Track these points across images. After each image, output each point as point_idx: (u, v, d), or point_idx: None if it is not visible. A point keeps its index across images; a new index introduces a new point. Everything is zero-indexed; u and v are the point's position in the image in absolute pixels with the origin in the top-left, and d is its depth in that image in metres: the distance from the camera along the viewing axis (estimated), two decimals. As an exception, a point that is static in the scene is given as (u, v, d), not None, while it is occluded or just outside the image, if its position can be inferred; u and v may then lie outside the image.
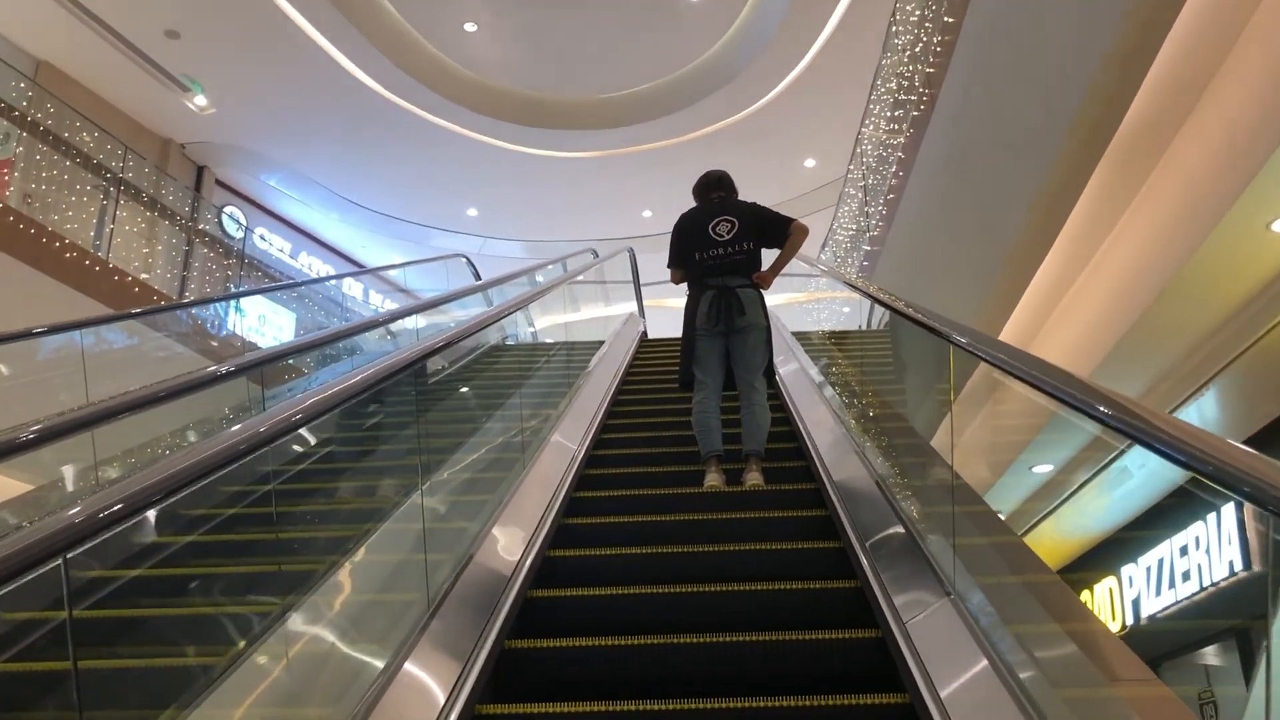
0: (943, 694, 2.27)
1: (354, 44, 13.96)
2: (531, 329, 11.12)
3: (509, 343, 9.41)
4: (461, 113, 15.59)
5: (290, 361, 7.28)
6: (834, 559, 3.41)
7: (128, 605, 2.67)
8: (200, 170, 16.12)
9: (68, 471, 4.88)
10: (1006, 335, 9.04)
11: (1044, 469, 6.77)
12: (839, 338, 6.90)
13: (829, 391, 5.63)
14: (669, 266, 4.98)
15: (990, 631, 2.39)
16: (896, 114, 8.43)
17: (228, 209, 16.74)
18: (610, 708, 2.49)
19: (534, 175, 17.25)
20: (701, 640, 2.80)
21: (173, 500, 1.61)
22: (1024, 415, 3.50)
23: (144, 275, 11.53)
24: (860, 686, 2.51)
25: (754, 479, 4.33)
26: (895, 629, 2.65)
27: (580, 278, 10.28)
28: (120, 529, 1.47)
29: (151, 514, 1.86)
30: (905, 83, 8.01)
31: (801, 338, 7.68)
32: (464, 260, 11.97)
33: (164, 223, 12.48)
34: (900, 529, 3.25)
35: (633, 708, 2.49)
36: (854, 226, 10.42)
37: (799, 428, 5.17)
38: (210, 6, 12.80)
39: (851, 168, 10.78)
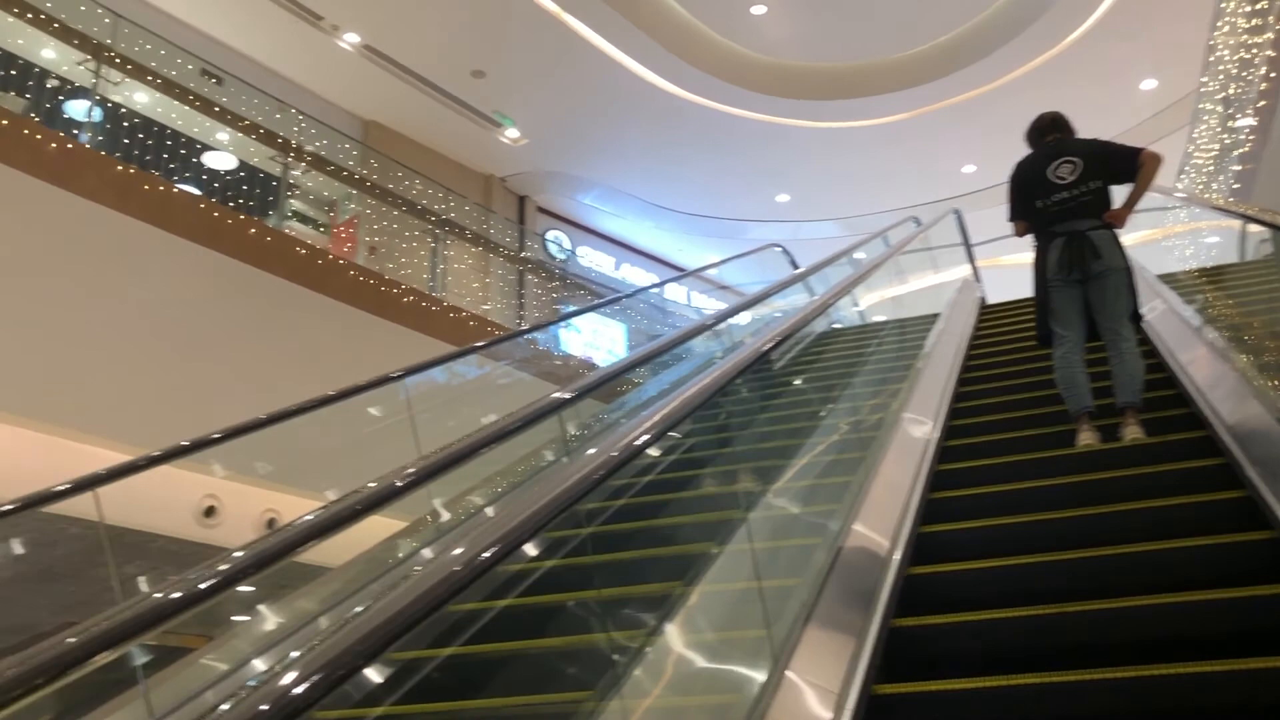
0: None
1: (645, 49, 14.02)
2: (857, 308, 10.60)
3: (836, 326, 9.08)
4: (759, 99, 15.27)
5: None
6: (1238, 509, 3.07)
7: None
8: (521, 200, 16.89)
9: (438, 504, 5.11)
10: None
11: None
12: (1212, 274, 6.18)
13: (1208, 333, 5.05)
14: (1010, 220, 4.74)
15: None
16: (1258, 6, 7.15)
17: (550, 233, 17.43)
18: (1004, 682, 2.35)
19: (841, 150, 16.61)
20: (1093, 608, 2.62)
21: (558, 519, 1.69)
22: None
23: (484, 307, 12.15)
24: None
25: (1133, 432, 3.97)
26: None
27: (904, 253, 9.60)
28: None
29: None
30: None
31: (1168, 279, 6.80)
32: (778, 250, 11.60)
33: (492, 256, 13.09)
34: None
35: (1028, 681, 2.33)
36: (1215, 146, 9.03)
37: (1176, 373, 4.67)
38: (508, 40, 13.31)
39: (1205, 80, 9.37)
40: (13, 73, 8.89)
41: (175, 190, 8.19)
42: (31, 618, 9.07)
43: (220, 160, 11.70)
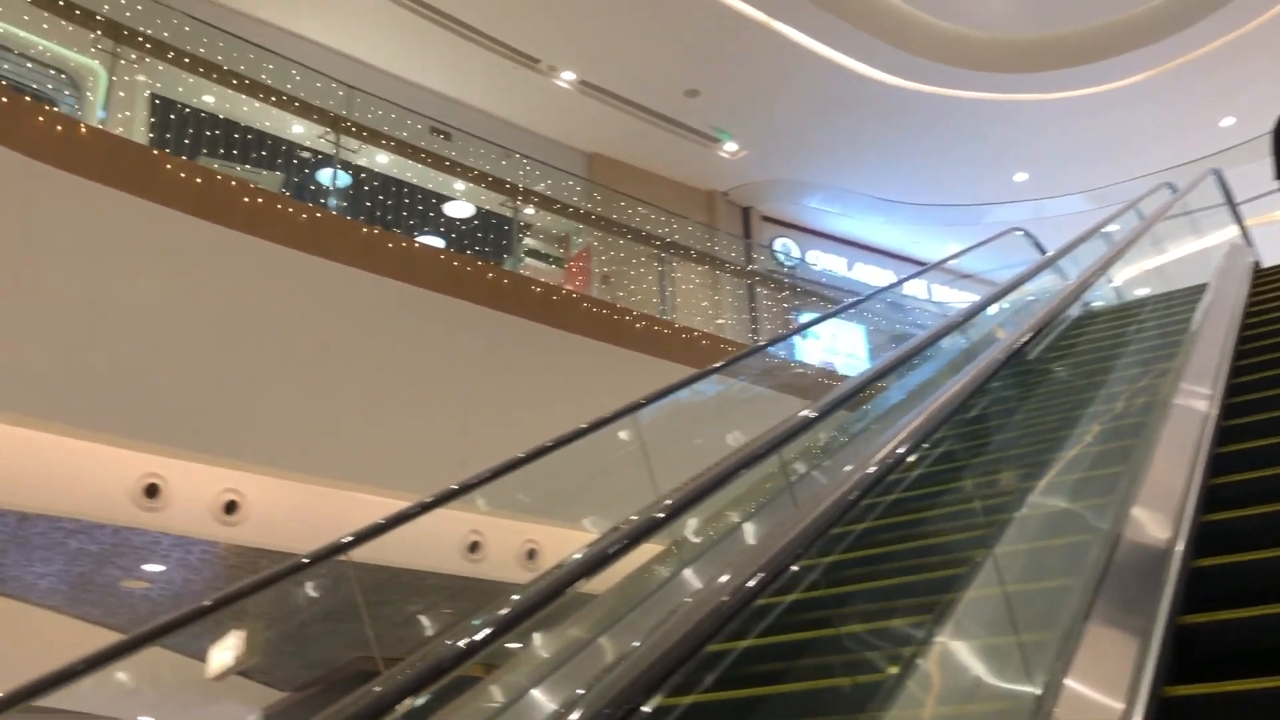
0: None
1: (857, 43, 13.69)
2: (1112, 284, 9.91)
3: (1096, 305, 8.52)
4: (983, 77, 14.56)
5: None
6: None
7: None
8: (745, 211, 16.85)
9: (688, 530, 5.13)
10: None
11: None
12: None
13: None
14: (1276, 178, 4.71)
15: None
16: None
17: (778, 241, 17.30)
18: None
19: (1078, 119, 15.57)
20: None
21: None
22: None
23: (717, 322, 12.19)
24: None
25: None
26: None
27: (1161, 222, 8.87)
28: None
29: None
30: None
31: None
32: (1020, 233, 10.99)
33: (719, 272, 13.12)
34: None
35: None
36: None
37: None
38: (717, 56, 13.36)
39: None
40: (263, 152, 9.71)
41: (416, 245, 8.68)
42: (327, 654, 9.82)
43: (456, 210, 12.36)
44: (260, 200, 7.58)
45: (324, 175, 10.13)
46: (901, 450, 2.12)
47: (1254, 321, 6.15)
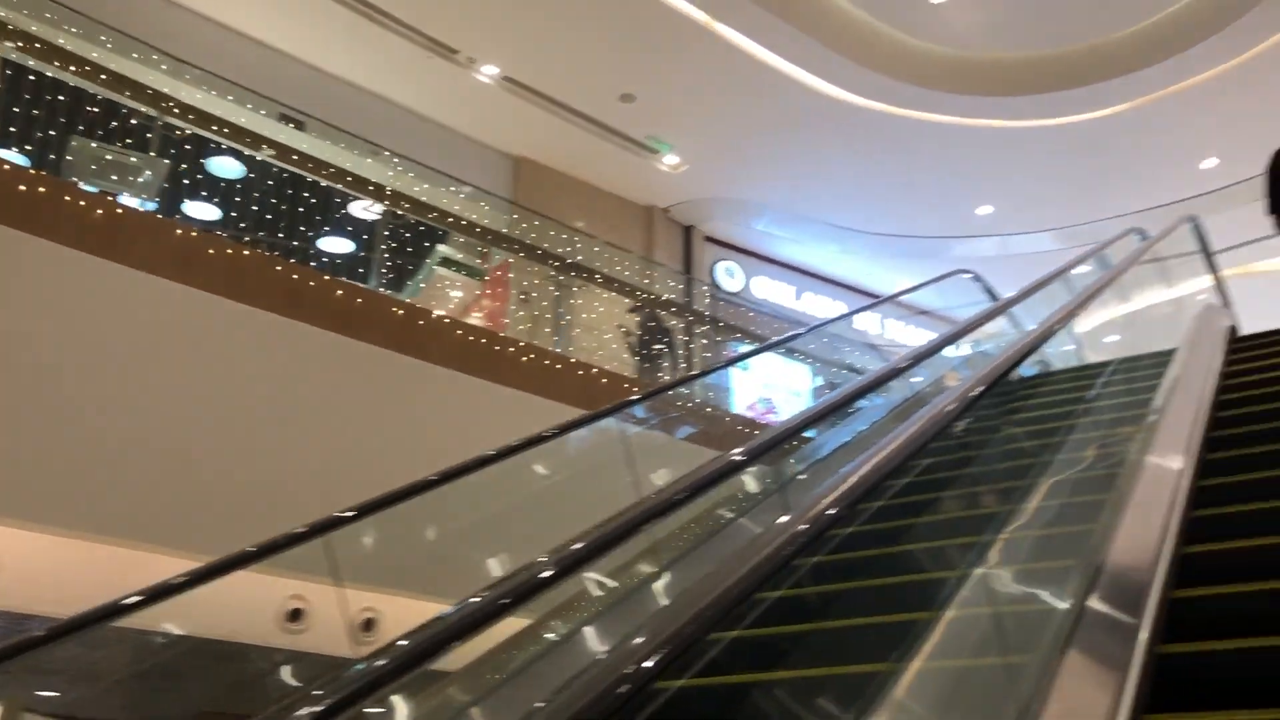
0: None
1: (810, 54, 12.43)
2: (1070, 346, 8.86)
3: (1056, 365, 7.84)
4: (948, 99, 13.33)
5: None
6: None
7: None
8: (688, 230, 15.60)
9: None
10: None
11: None
12: None
13: None
14: (1268, 214, 4.61)
15: None
16: None
17: (722, 264, 16.04)
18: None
19: (1050, 150, 14.37)
20: None
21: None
22: None
23: (624, 357, 10.89)
24: None
25: None
26: None
27: (1129, 272, 7.78)
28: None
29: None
30: None
31: None
32: (968, 276, 9.80)
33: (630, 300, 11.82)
34: None
35: None
36: None
37: None
38: (656, 59, 12.13)
39: None
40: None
41: (227, 250, 7.27)
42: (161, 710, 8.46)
43: (362, 210, 10.96)
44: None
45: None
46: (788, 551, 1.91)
47: (1227, 417, 4.93)
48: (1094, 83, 13.20)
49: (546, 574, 2.48)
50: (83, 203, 6.42)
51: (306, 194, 9.00)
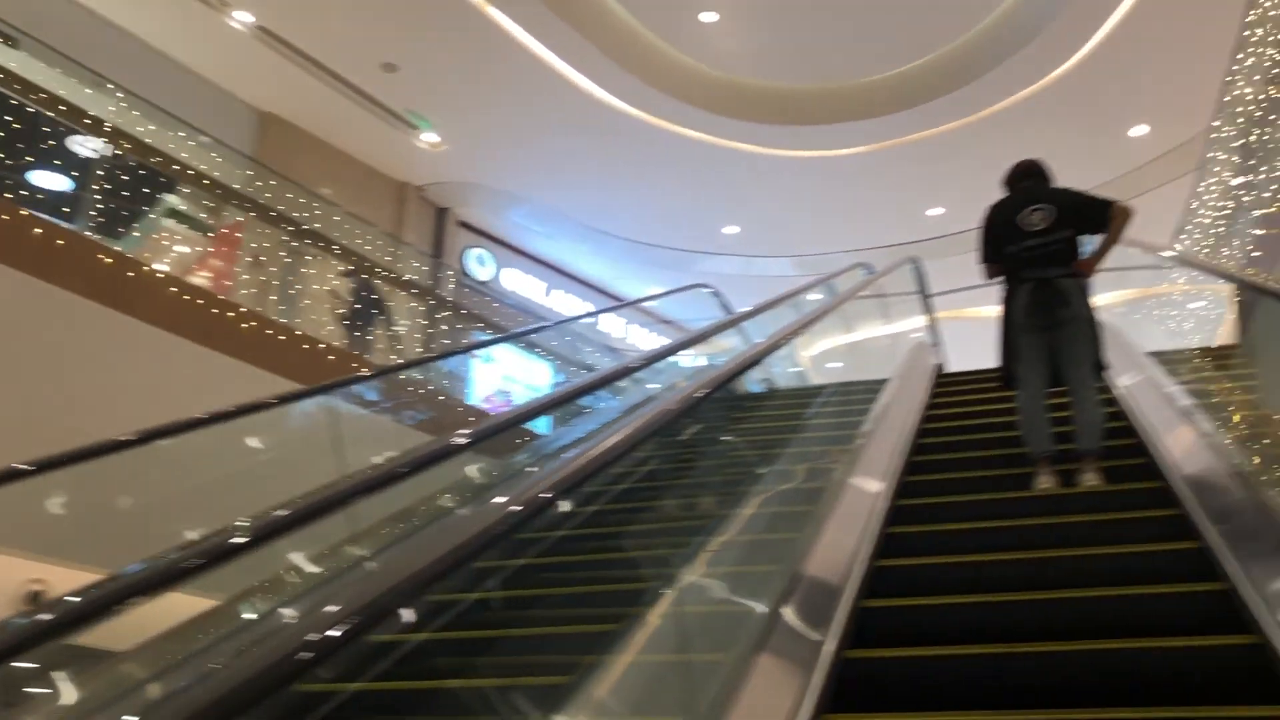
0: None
1: (581, 52, 12.40)
2: (796, 369, 9.24)
3: (771, 387, 8.11)
4: (707, 118, 13.68)
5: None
6: (1191, 560, 3.05)
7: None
8: (442, 213, 15.22)
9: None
10: None
11: None
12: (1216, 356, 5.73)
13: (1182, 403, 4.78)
14: (980, 262, 4.76)
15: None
16: (1300, 30, 5.68)
17: (474, 252, 15.77)
18: (956, 718, 2.43)
19: (797, 181, 15.06)
20: (1043, 649, 2.63)
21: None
22: None
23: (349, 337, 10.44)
24: (1229, 697, 2.31)
25: (1090, 479, 4.11)
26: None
27: (853, 304, 8.21)
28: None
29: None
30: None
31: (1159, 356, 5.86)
32: (707, 290, 10.05)
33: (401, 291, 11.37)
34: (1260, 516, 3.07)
35: (979, 718, 2.40)
36: (1229, 204, 7.54)
37: (1136, 420, 4.73)
38: (424, 32, 11.72)
39: (1217, 123, 7.88)
40: None
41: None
42: None
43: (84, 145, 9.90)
44: None
45: None
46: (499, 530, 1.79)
47: (928, 444, 5.25)
48: (841, 122, 13.92)
49: (239, 540, 2.41)
50: None
51: (10, 118, 8.01)
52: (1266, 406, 4.28)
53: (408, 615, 1.56)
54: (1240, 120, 6.99)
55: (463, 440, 3.25)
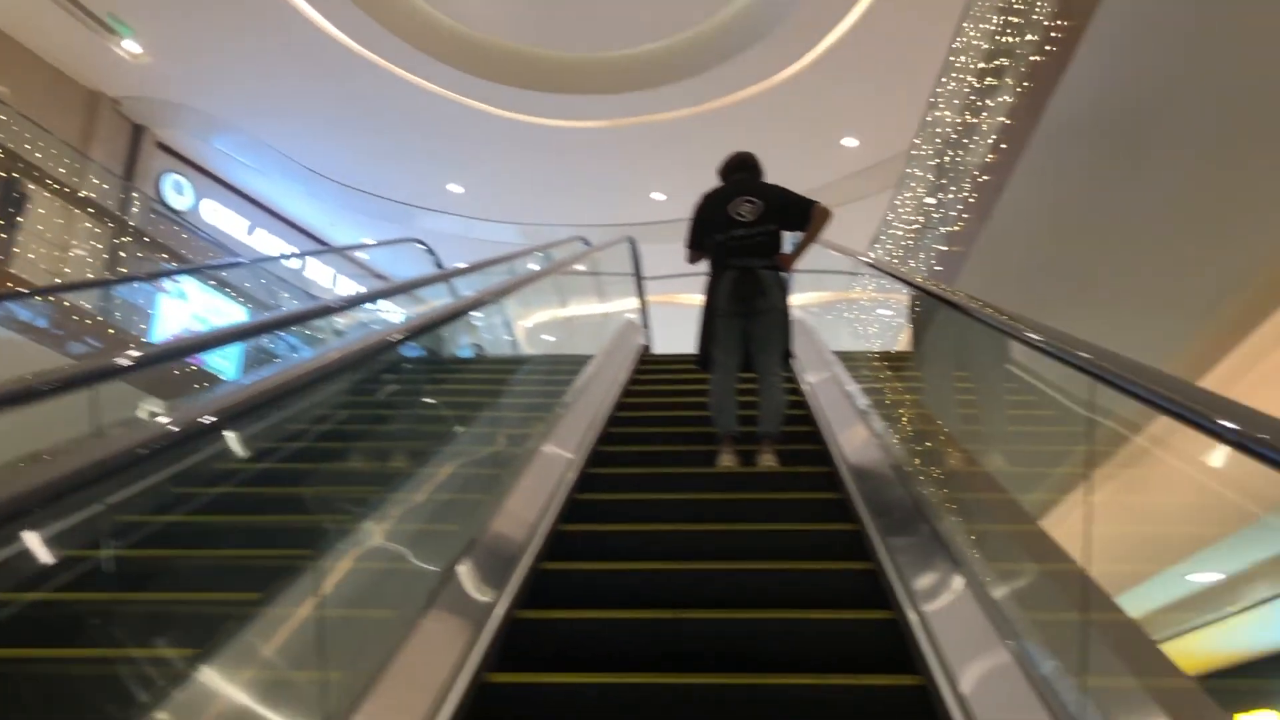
0: (958, 677, 2.26)
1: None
2: (509, 337, 9.15)
3: (480, 353, 7.89)
4: (441, 69, 13.21)
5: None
6: (847, 541, 3.34)
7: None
8: (138, 130, 13.87)
9: None
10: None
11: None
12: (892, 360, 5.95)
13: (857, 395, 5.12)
14: (687, 246, 4.94)
15: (1006, 617, 2.35)
16: (996, 64, 6.15)
17: (170, 177, 14.53)
18: (621, 679, 2.47)
19: (527, 147, 14.86)
20: (710, 616, 2.81)
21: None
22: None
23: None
24: (872, 667, 2.49)
25: (768, 460, 4.35)
26: (909, 612, 2.63)
27: (568, 270, 8.21)
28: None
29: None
30: (1016, 17, 5.74)
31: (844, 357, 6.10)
32: (421, 247, 9.73)
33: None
34: (913, 509, 3.26)
35: (642, 680, 2.48)
36: (919, 219, 8.12)
37: (816, 413, 5.08)
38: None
39: (918, 141, 8.46)
40: None
41: None
42: None
43: None
44: None
45: None
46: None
47: (624, 417, 5.30)
48: (580, 93, 13.87)
49: None
50: None
51: None
52: (929, 409, 4.59)
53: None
54: (938, 141, 7.54)
55: (127, 362, 2.82)
